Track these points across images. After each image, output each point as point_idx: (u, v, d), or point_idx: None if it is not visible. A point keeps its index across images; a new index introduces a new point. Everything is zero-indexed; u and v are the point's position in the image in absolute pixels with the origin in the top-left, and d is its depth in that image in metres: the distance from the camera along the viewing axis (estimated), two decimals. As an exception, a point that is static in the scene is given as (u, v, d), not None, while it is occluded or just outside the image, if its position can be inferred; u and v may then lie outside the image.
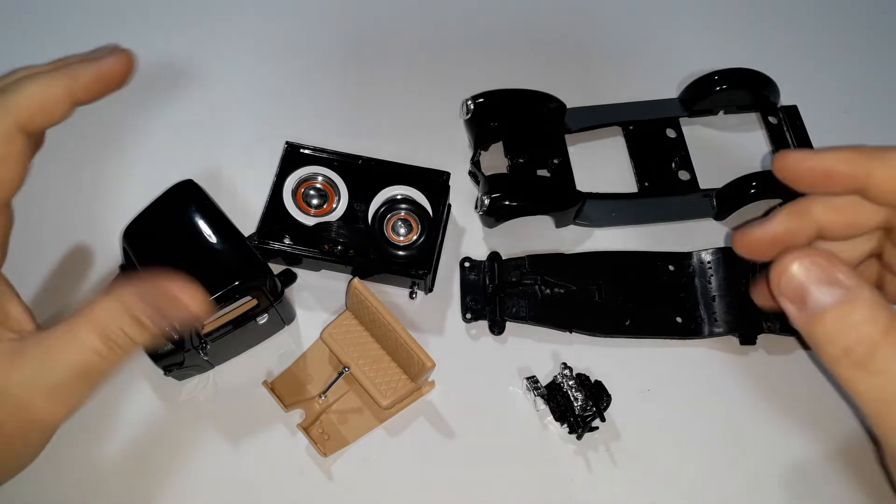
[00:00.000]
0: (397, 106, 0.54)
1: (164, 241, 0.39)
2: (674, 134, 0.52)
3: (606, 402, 0.43)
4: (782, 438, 0.43)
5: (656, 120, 0.52)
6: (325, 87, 0.55)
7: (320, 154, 0.47)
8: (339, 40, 0.57)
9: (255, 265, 0.39)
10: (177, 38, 0.56)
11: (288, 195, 0.46)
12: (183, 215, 0.39)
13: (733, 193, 0.49)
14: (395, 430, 0.43)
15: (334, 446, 0.42)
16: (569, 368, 0.43)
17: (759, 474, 0.42)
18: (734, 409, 0.44)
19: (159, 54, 0.55)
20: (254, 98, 0.54)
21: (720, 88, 0.52)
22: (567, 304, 0.46)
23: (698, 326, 0.45)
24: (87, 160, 0.51)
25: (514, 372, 0.44)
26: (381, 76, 0.55)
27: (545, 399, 0.43)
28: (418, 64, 0.56)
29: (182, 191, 0.40)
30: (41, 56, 0.33)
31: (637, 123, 0.52)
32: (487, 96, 0.50)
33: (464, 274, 0.47)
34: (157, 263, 0.38)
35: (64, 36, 0.56)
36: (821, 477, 0.42)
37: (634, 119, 0.52)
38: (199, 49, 0.56)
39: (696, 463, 0.42)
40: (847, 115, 0.55)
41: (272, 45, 0.57)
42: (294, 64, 0.56)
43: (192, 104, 0.54)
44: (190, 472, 0.41)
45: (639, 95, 0.54)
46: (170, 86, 0.54)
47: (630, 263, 0.47)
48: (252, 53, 0.56)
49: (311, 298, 0.47)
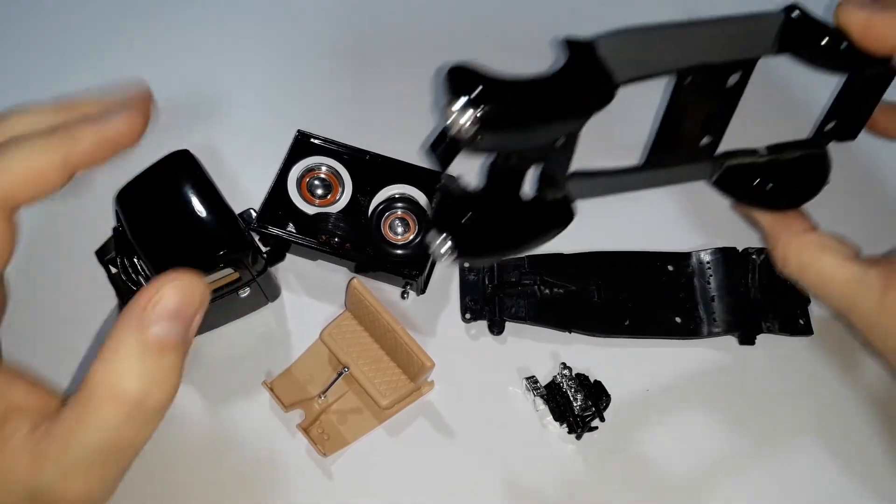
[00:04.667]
0: (410, 104, 0.53)
1: (155, 206, 0.40)
2: (735, 80, 0.33)
3: (606, 402, 0.43)
4: (782, 438, 0.43)
5: (728, 64, 0.33)
6: (339, 82, 0.55)
7: (329, 145, 0.47)
8: (359, 35, 0.57)
9: (239, 238, 0.40)
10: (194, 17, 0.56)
11: (293, 182, 0.46)
12: (175, 183, 0.40)
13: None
14: (395, 430, 0.43)
15: (334, 446, 0.42)
16: (568, 368, 0.43)
17: (758, 474, 0.42)
18: (733, 409, 0.44)
19: (175, 33, 0.56)
20: (267, 87, 0.54)
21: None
22: (566, 304, 0.46)
23: (697, 327, 0.45)
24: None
25: (514, 372, 0.44)
26: (395, 73, 0.55)
27: (544, 399, 0.43)
28: (433, 62, 0.55)
29: (177, 159, 0.41)
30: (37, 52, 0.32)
31: (700, 70, 0.32)
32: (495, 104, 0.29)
33: (463, 274, 0.47)
34: (145, 227, 0.39)
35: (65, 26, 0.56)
36: (821, 476, 0.42)
37: (698, 63, 0.32)
38: (214, 33, 0.56)
39: (695, 463, 0.42)
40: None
41: (289, 38, 0.57)
42: (309, 58, 0.56)
43: (205, 79, 0.54)
44: (190, 472, 0.41)
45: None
46: (180, 60, 0.55)
47: (629, 263, 0.47)
48: (270, 46, 0.56)
49: (303, 285, 0.47)
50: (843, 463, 0.42)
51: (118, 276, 0.44)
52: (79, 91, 0.30)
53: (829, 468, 0.42)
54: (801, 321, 0.45)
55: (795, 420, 0.44)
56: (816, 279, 0.35)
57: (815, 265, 0.35)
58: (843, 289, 0.34)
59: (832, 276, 0.34)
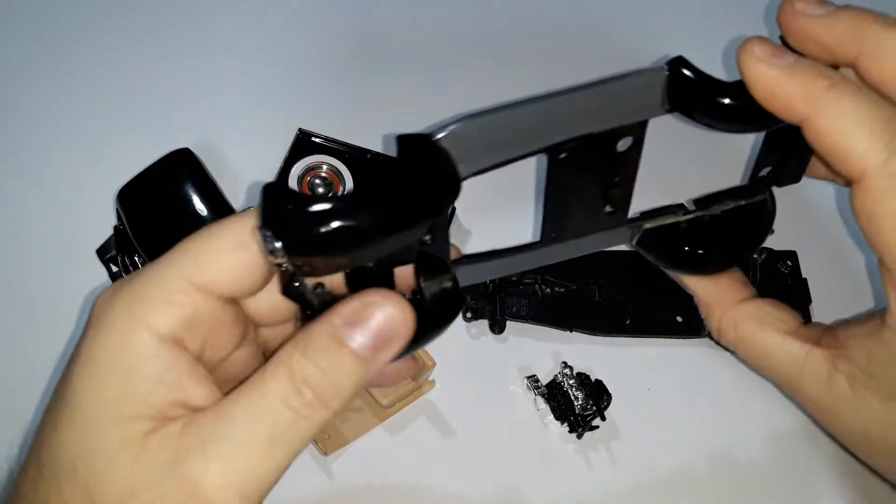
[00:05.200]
0: (411, 102, 0.53)
1: (155, 205, 0.40)
2: (627, 145, 0.29)
3: (607, 402, 0.43)
4: (782, 438, 0.43)
5: (605, 133, 0.27)
6: (341, 80, 0.55)
7: (331, 144, 0.47)
8: (360, 33, 0.57)
9: None
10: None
11: (294, 181, 0.46)
12: (176, 182, 0.40)
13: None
14: (396, 429, 0.43)
15: (334, 445, 0.42)
16: (569, 367, 0.43)
17: (759, 474, 0.42)
18: (734, 408, 0.44)
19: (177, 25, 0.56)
20: (269, 85, 0.54)
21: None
22: (567, 303, 0.46)
23: (699, 326, 0.45)
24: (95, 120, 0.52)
25: (515, 371, 0.44)
26: (396, 71, 0.55)
27: (545, 398, 0.43)
28: (436, 63, 0.55)
29: (178, 158, 0.41)
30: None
31: (572, 144, 0.27)
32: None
33: (464, 274, 0.47)
34: (146, 226, 0.39)
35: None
36: (822, 476, 0.42)
37: (572, 135, 0.27)
38: (214, 29, 0.56)
39: (696, 462, 0.42)
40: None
41: (291, 36, 0.56)
42: (310, 56, 0.56)
43: (204, 76, 0.54)
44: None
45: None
46: (180, 52, 0.55)
47: (631, 262, 0.47)
48: (271, 44, 0.56)
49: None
50: (843, 461, 0.42)
51: (119, 275, 0.44)
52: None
53: (829, 467, 0.42)
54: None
55: (796, 420, 0.43)
56: (755, 355, 0.32)
57: (753, 340, 0.31)
58: (784, 368, 0.30)
59: (771, 353, 0.31)
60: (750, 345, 0.31)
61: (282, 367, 0.24)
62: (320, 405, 0.24)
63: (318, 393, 0.24)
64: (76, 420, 0.24)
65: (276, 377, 0.24)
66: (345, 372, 0.24)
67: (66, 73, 0.54)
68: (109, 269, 0.45)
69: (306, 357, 0.24)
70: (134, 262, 0.42)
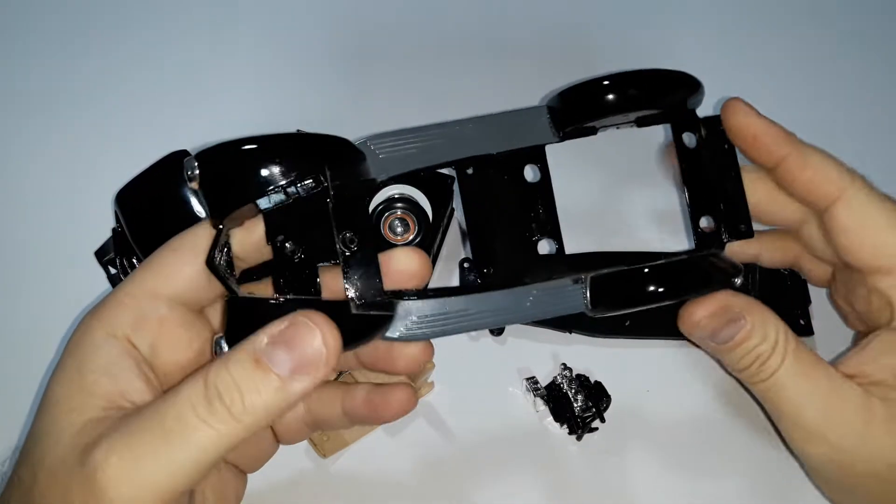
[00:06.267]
0: (410, 103, 0.53)
1: (154, 207, 0.40)
2: (535, 175, 0.33)
3: (606, 403, 0.43)
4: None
5: (512, 153, 0.32)
6: (339, 82, 0.54)
7: None
8: (358, 35, 0.57)
9: None
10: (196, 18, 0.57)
11: None
12: (174, 184, 0.40)
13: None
14: (395, 431, 0.43)
15: (333, 447, 0.42)
16: (568, 369, 0.43)
17: (759, 474, 0.42)
18: (734, 409, 0.44)
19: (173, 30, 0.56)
20: (267, 86, 0.54)
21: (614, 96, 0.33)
22: (567, 304, 0.45)
23: (698, 327, 0.45)
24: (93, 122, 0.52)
25: (514, 373, 0.44)
26: (395, 72, 0.55)
27: (545, 400, 0.43)
28: (436, 63, 0.55)
29: (176, 160, 0.40)
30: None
31: (481, 161, 0.32)
32: (220, 155, 0.30)
33: (463, 275, 0.47)
34: (145, 228, 0.39)
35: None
36: (820, 477, 0.42)
37: (478, 154, 0.32)
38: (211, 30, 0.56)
39: (696, 463, 0.42)
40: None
41: (289, 37, 0.56)
42: (309, 57, 0.55)
43: (203, 77, 0.54)
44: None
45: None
46: (179, 53, 0.55)
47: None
48: (269, 45, 0.56)
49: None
50: (844, 464, 0.42)
51: (117, 277, 0.44)
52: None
53: (830, 469, 0.42)
54: (801, 321, 0.45)
55: (796, 421, 0.43)
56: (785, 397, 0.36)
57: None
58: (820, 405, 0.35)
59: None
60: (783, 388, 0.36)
61: (201, 374, 0.25)
62: (228, 417, 0.24)
63: (226, 404, 0.24)
64: (40, 414, 0.27)
65: (193, 382, 0.25)
66: (258, 388, 0.24)
67: (65, 74, 0.54)
68: (108, 271, 0.45)
69: (225, 368, 0.25)
70: (132, 264, 0.42)
